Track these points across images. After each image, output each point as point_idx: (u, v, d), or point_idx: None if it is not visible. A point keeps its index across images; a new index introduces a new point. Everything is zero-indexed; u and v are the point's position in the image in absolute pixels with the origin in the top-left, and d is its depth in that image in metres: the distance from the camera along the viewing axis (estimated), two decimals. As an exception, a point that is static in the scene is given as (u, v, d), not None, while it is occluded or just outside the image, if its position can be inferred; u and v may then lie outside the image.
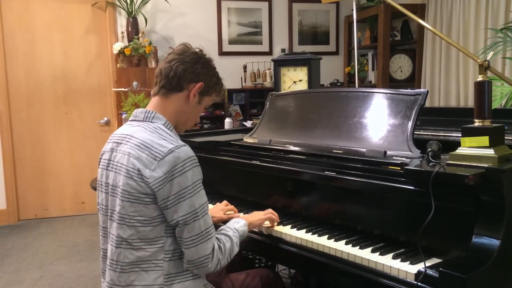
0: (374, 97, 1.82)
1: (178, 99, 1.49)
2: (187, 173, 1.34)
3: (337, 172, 1.62)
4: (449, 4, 4.19)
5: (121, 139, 1.45)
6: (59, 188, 4.74)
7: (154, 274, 1.38)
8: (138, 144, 1.38)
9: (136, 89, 4.25)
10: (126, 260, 1.39)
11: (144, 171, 1.33)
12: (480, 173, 1.25)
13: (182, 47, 1.51)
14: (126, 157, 1.38)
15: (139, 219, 1.36)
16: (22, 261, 3.57)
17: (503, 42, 2.99)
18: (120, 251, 1.39)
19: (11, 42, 4.49)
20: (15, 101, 4.55)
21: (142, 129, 1.43)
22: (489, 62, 1.41)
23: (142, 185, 1.33)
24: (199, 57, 1.50)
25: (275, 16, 5.29)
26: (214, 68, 1.55)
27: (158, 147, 1.35)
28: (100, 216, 1.52)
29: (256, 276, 1.68)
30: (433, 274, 1.21)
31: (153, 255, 1.38)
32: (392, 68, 4.78)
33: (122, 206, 1.37)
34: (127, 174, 1.36)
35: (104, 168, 1.48)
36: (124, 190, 1.36)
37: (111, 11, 4.71)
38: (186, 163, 1.34)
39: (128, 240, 1.38)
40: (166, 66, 1.48)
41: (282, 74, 3.36)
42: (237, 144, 2.19)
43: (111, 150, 1.47)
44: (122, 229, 1.38)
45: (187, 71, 1.46)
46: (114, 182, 1.41)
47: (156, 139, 1.37)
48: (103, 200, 1.48)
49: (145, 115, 1.47)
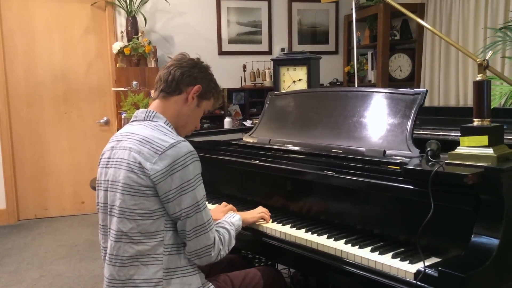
0: (374, 96, 1.82)
1: (177, 101, 1.55)
2: (188, 167, 1.38)
3: (337, 171, 1.63)
4: (448, 3, 4.19)
5: (121, 137, 1.49)
6: (58, 188, 4.74)
7: (154, 268, 1.40)
8: (139, 139, 1.42)
9: (135, 88, 4.25)
10: (126, 254, 1.41)
11: (145, 164, 1.37)
12: (479, 172, 1.25)
13: (180, 56, 1.60)
14: (127, 151, 1.42)
15: (140, 212, 1.38)
16: (22, 261, 3.57)
17: (502, 41, 2.99)
18: (120, 245, 1.41)
19: (10, 42, 4.49)
20: (14, 101, 4.55)
21: (143, 126, 1.48)
22: (488, 62, 1.41)
23: (143, 177, 1.37)
24: (196, 62, 1.59)
25: (275, 15, 5.29)
26: (211, 74, 1.62)
27: (159, 141, 1.39)
28: (99, 215, 1.53)
29: (257, 275, 1.68)
30: (433, 273, 1.21)
31: (153, 249, 1.40)
32: (391, 68, 4.78)
33: (123, 200, 1.40)
34: (128, 167, 1.39)
35: (103, 167, 1.51)
36: (125, 183, 1.39)
37: (110, 10, 4.71)
38: (188, 157, 1.38)
39: (128, 234, 1.40)
40: (165, 71, 1.56)
41: (281, 73, 3.36)
42: (236, 143, 2.19)
43: (111, 148, 1.50)
44: (122, 222, 1.40)
45: (184, 75, 1.54)
46: (114, 177, 1.44)
47: (157, 134, 1.43)
48: (101, 198, 1.51)
49: (146, 115, 1.52)
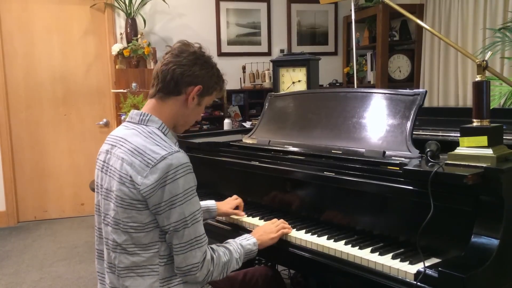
0: (373, 97, 1.82)
1: (175, 103, 1.44)
2: (178, 181, 1.31)
3: (336, 172, 1.63)
4: (447, 4, 4.19)
5: (115, 141, 1.43)
6: (58, 189, 4.74)
7: (150, 279, 1.36)
8: (131, 149, 1.35)
9: (135, 90, 4.25)
10: (121, 265, 1.38)
11: (136, 178, 1.31)
12: (478, 173, 1.25)
13: (179, 46, 1.45)
14: (119, 162, 1.37)
15: (132, 225, 1.34)
16: (22, 263, 3.56)
17: (501, 42, 2.99)
18: (116, 255, 1.39)
19: (9, 44, 4.49)
20: (14, 102, 4.55)
21: (137, 133, 1.39)
22: (487, 62, 1.41)
23: (134, 191, 1.32)
24: (197, 57, 1.44)
25: (274, 16, 5.29)
26: (213, 67, 1.48)
27: (151, 153, 1.32)
28: (96, 217, 1.51)
29: (255, 275, 1.68)
30: (433, 274, 1.21)
31: (148, 260, 1.36)
32: (390, 68, 4.78)
33: (116, 212, 1.36)
34: (120, 180, 1.35)
35: (99, 170, 1.48)
36: (118, 196, 1.35)
37: (109, 12, 4.71)
38: (178, 170, 1.31)
39: (122, 245, 1.37)
40: (163, 69, 1.42)
41: (281, 74, 3.36)
42: (236, 145, 2.18)
43: (106, 152, 1.46)
44: (117, 234, 1.38)
45: (184, 74, 1.41)
46: (109, 186, 1.40)
47: (150, 144, 1.34)
48: (99, 201, 1.48)
49: (140, 118, 1.43)
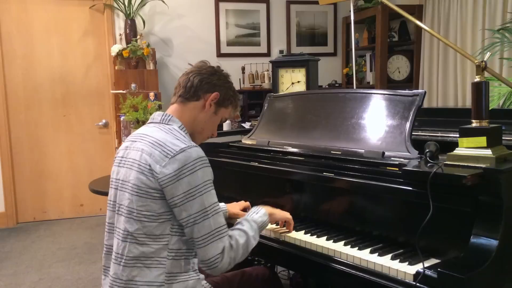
0: (372, 98, 1.82)
1: (194, 107, 1.56)
2: (197, 172, 1.38)
3: (336, 173, 1.63)
4: (446, 5, 4.20)
5: (136, 138, 1.52)
6: (57, 190, 4.73)
7: (157, 271, 1.41)
8: (152, 141, 1.44)
9: (134, 91, 4.25)
10: (130, 255, 1.42)
11: (154, 167, 1.38)
12: (478, 173, 1.25)
13: (200, 63, 1.62)
14: (139, 153, 1.44)
15: (146, 214, 1.40)
16: (21, 264, 3.56)
17: (500, 42, 2.99)
18: (126, 244, 1.43)
19: (9, 45, 4.49)
20: (13, 103, 4.54)
21: (158, 129, 1.50)
22: (486, 63, 1.41)
23: (152, 180, 1.38)
24: (215, 70, 1.61)
25: (273, 17, 5.30)
26: (230, 82, 1.63)
27: (171, 145, 1.41)
28: (108, 213, 1.56)
29: (253, 274, 1.70)
30: (432, 274, 1.21)
31: (157, 252, 1.41)
32: (390, 69, 4.78)
33: (131, 200, 1.42)
34: (139, 169, 1.41)
35: (116, 165, 1.54)
36: (135, 184, 1.41)
37: (109, 13, 4.71)
38: (197, 162, 1.39)
39: (134, 234, 1.41)
40: (184, 78, 1.58)
41: (280, 75, 3.37)
42: (235, 145, 2.19)
43: (125, 148, 1.53)
44: (129, 223, 1.42)
45: (203, 82, 1.56)
46: (125, 177, 1.46)
47: (170, 138, 1.44)
48: (111, 196, 1.53)
49: (162, 118, 1.54)
